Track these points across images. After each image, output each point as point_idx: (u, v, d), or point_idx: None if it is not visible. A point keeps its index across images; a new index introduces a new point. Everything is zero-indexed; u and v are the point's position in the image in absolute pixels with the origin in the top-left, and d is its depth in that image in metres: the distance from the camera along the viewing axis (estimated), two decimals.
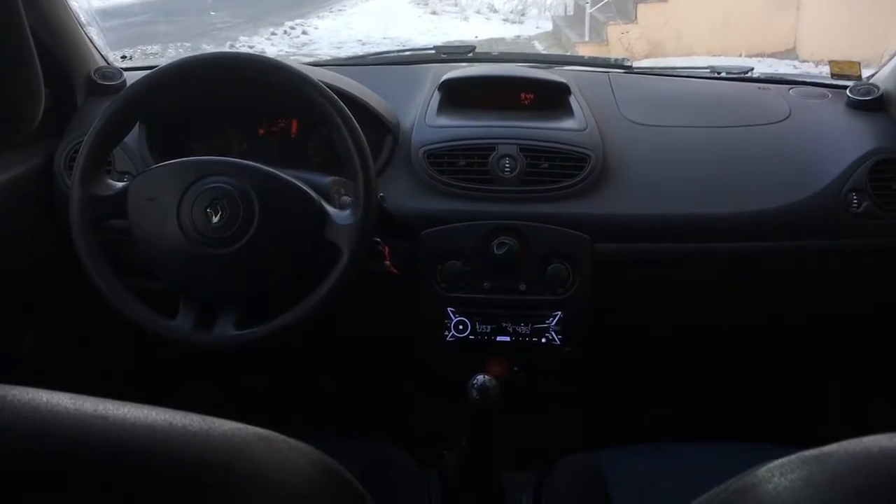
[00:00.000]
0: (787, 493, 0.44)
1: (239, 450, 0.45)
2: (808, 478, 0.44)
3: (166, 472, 0.41)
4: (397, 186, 1.36)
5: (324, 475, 0.50)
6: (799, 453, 0.47)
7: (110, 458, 0.41)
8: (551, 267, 1.33)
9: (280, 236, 1.12)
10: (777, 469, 0.47)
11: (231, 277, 1.13)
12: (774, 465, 0.47)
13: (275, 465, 0.46)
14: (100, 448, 0.41)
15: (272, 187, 1.12)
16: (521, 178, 1.35)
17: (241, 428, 0.47)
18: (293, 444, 0.49)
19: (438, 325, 1.34)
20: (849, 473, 0.43)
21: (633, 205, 1.36)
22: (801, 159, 1.41)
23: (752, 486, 0.47)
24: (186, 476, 0.42)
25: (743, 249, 1.36)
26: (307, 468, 0.48)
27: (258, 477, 0.44)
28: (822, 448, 0.46)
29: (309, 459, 0.49)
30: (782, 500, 0.44)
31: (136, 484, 0.40)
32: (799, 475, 0.45)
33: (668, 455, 1.17)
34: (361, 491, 0.54)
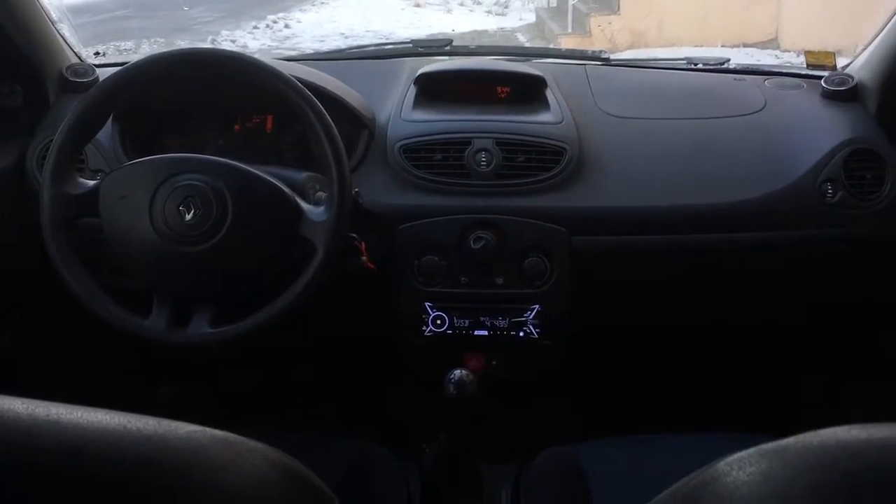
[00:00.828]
0: (745, 488, 0.45)
1: (195, 453, 0.44)
2: (766, 472, 0.44)
3: (119, 478, 0.41)
4: (373, 181, 1.35)
5: (284, 477, 0.49)
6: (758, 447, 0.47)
7: (62, 465, 0.40)
8: (529, 260, 1.33)
9: (254, 233, 1.12)
10: (736, 463, 0.47)
11: (205, 275, 1.12)
12: (733, 459, 0.47)
13: (232, 467, 0.45)
14: (50, 453, 0.40)
15: (246, 184, 1.12)
16: (498, 171, 1.35)
17: (197, 431, 0.46)
18: (252, 446, 0.48)
19: (416, 320, 1.34)
20: (806, 468, 0.43)
21: (609, 197, 1.36)
22: (776, 150, 1.42)
23: (711, 481, 0.47)
24: (139, 481, 0.41)
25: (719, 241, 1.37)
26: (266, 470, 0.48)
27: (214, 480, 0.43)
28: (781, 441, 0.46)
29: (268, 461, 0.48)
30: (741, 495, 0.44)
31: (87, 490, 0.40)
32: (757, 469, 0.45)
33: (647, 447, 1.17)
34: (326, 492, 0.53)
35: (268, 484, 0.47)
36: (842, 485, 0.41)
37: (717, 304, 1.47)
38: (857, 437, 0.43)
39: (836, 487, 0.41)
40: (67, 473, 0.40)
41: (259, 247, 1.12)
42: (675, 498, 0.51)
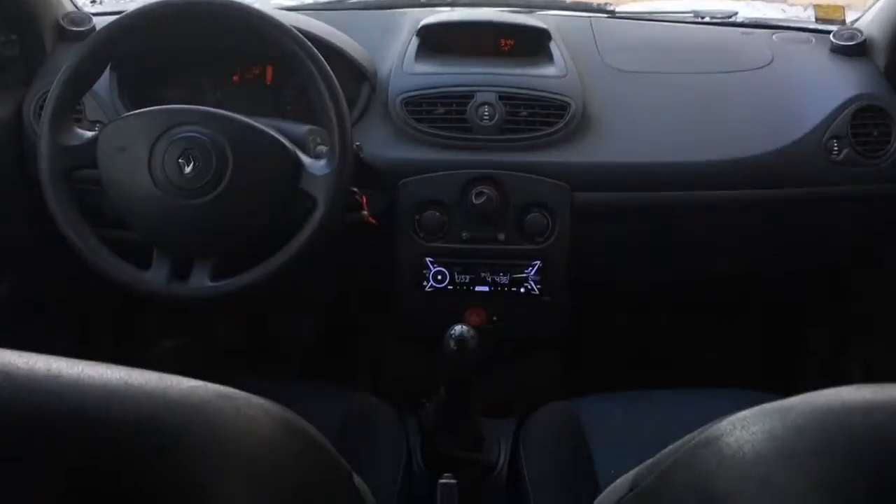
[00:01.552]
0: (748, 447, 0.45)
1: (196, 408, 0.44)
2: (770, 431, 0.45)
3: (120, 433, 0.40)
4: (375, 135, 1.34)
5: (286, 432, 0.49)
6: (762, 406, 0.47)
7: (62, 420, 0.39)
8: (530, 216, 1.32)
9: (254, 187, 1.11)
10: (739, 422, 0.47)
11: (205, 229, 1.11)
12: (736, 418, 0.48)
13: (234, 422, 0.45)
14: (52, 410, 0.40)
15: (246, 137, 1.11)
16: (500, 126, 1.33)
17: (199, 386, 0.46)
18: (254, 402, 0.48)
19: (417, 276, 1.34)
20: (809, 427, 0.43)
21: (612, 153, 1.35)
22: (782, 106, 1.41)
23: (713, 439, 0.48)
24: (141, 436, 0.41)
25: (722, 198, 1.36)
26: (268, 425, 0.48)
27: (216, 435, 0.43)
28: (784, 400, 0.46)
29: (270, 416, 0.48)
30: (743, 454, 0.45)
31: (88, 446, 0.39)
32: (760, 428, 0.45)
33: (645, 402, 1.18)
34: (327, 447, 0.54)
35: (271, 439, 0.47)
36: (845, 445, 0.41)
37: (719, 262, 1.47)
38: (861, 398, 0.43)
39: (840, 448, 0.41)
40: (69, 429, 0.39)
41: (259, 201, 1.12)
42: (677, 455, 0.51)
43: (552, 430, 1.15)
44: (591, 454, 1.09)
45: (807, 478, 0.41)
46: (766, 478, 0.42)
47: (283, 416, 0.50)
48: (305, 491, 0.49)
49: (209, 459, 0.42)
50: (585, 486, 1.04)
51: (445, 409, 1.21)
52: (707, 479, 0.46)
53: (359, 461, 1.04)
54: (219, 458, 0.43)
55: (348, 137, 1.11)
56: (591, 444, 1.11)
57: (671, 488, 0.51)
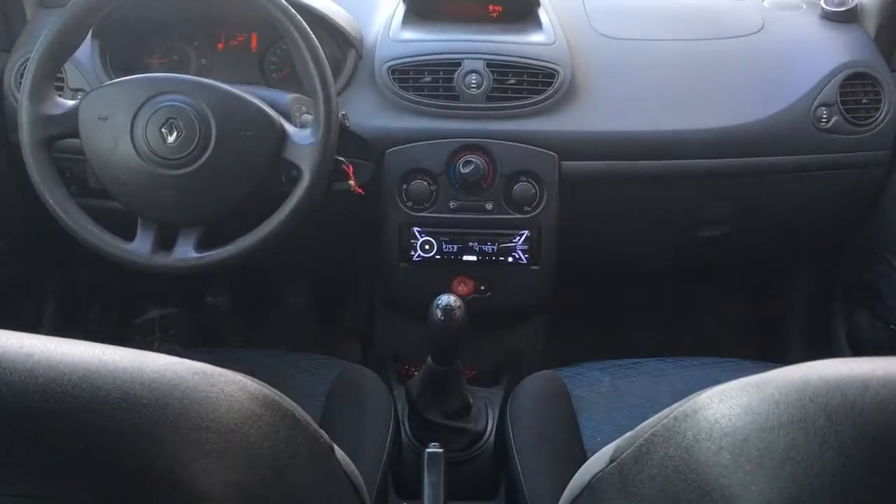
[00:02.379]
0: (724, 420, 0.45)
1: (172, 385, 0.44)
2: (747, 405, 0.45)
3: (94, 411, 0.40)
4: (361, 104, 1.33)
5: (263, 407, 0.49)
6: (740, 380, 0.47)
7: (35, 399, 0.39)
8: (518, 185, 1.32)
9: (238, 157, 1.10)
10: (717, 396, 0.47)
11: (189, 199, 1.11)
12: (715, 391, 0.48)
13: (210, 399, 0.45)
14: (24, 389, 0.39)
15: (230, 106, 1.10)
16: (488, 94, 1.33)
17: (175, 363, 0.46)
18: (230, 378, 0.48)
19: (404, 245, 1.34)
20: (786, 401, 0.43)
21: (601, 122, 1.35)
22: (772, 73, 1.40)
23: (692, 413, 0.48)
24: (114, 414, 0.40)
25: (711, 166, 1.36)
26: (246, 401, 0.47)
27: (192, 413, 0.43)
28: (763, 374, 0.47)
29: (247, 392, 0.48)
30: (720, 427, 0.45)
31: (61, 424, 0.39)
32: (738, 402, 0.46)
33: (633, 371, 1.19)
34: (306, 421, 0.54)
35: (247, 416, 0.47)
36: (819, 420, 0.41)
37: (705, 228, 1.48)
38: (838, 372, 0.43)
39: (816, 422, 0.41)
40: (41, 408, 0.39)
41: (243, 171, 1.11)
42: (656, 428, 0.52)
43: (539, 399, 1.16)
44: (578, 423, 1.10)
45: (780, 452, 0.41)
46: (740, 451, 0.43)
47: (261, 391, 0.50)
48: (283, 465, 0.49)
49: (185, 436, 0.42)
50: (573, 455, 1.05)
51: (433, 379, 1.22)
52: (685, 451, 0.47)
53: (346, 430, 1.06)
54: (194, 433, 0.43)
55: (334, 106, 1.11)
56: (579, 412, 1.11)
57: (649, 460, 0.51)
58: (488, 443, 1.29)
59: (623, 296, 1.84)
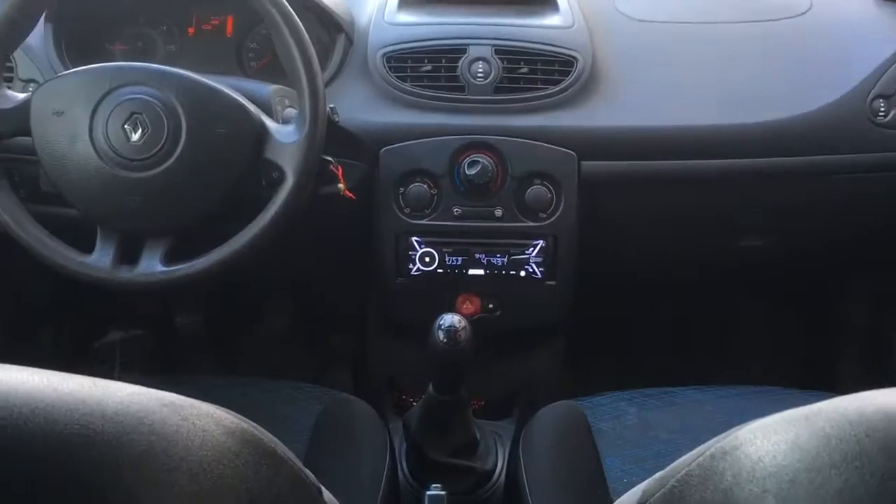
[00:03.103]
0: (768, 458, 0.45)
1: (137, 419, 0.43)
2: (794, 440, 0.44)
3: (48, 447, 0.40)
4: (352, 96, 1.34)
5: (240, 443, 0.49)
6: (786, 412, 0.47)
7: None
8: (532, 189, 1.32)
9: (212, 157, 1.10)
10: (760, 430, 0.47)
11: (156, 206, 1.11)
12: (757, 426, 0.47)
13: (180, 435, 0.45)
14: None
15: (202, 99, 1.10)
16: (497, 85, 1.33)
17: (140, 393, 0.46)
18: (203, 410, 0.48)
19: (401, 258, 1.34)
20: (839, 436, 0.43)
21: (626, 116, 1.35)
22: (820, 61, 1.40)
23: (731, 450, 0.48)
24: (71, 452, 0.40)
25: (752, 167, 1.36)
26: (220, 436, 0.47)
27: (159, 450, 0.43)
28: (812, 406, 0.46)
29: (222, 426, 0.48)
30: (764, 466, 0.45)
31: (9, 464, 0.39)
32: (783, 437, 0.45)
33: (663, 402, 1.19)
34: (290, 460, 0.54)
35: (222, 454, 0.47)
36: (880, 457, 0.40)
37: (745, 238, 1.47)
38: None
39: (874, 460, 0.40)
40: None
41: (218, 173, 1.11)
42: (691, 467, 0.51)
43: (556, 434, 1.16)
44: (601, 461, 1.09)
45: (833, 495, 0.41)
46: (787, 493, 0.42)
47: (238, 425, 0.50)
48: None
49: (151, 477, 0.42)
50: (594, 498, 1.04)
51: (434, 410, 1.21)
52: (724, 494, 0.46)
53: (335, 469, 1.06)
54: (162, 474, 0.42)
55: (321, 99, 1.11)
56: (602, 449, 1.11)
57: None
58: (498, 484, 1.28)
59: (652, 315, 1.84)
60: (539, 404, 1.21)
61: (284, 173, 1.11)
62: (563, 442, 1.15)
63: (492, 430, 1.36)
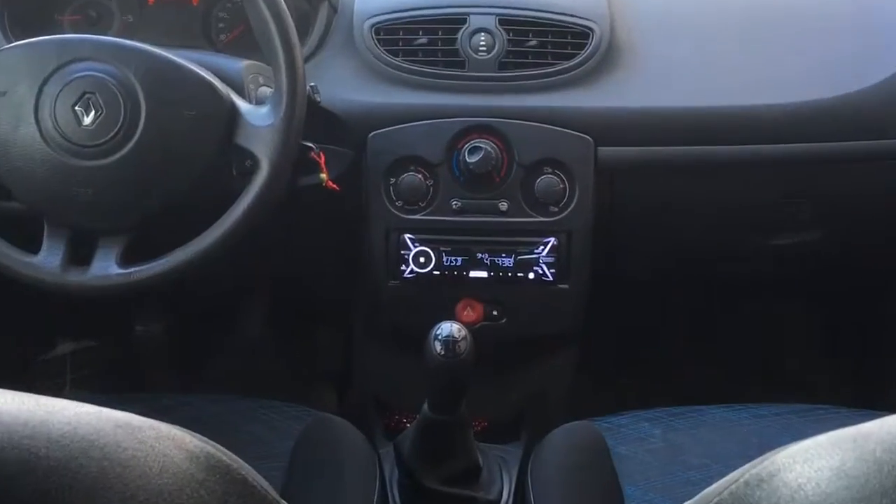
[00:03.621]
0: (811, 486, 0.45)
1: (87, 442, 0.43)
2: (840, 466, 0.44)
3: None
4: (336, 73, 1.34)
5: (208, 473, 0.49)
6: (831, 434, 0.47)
7: None
8: (541, 179, 1.32)
9: (175, 143, 1.10)
10: (801, 454, 0.47)
11: (111, 199, 1.11)
12: (797, 449, 0.48)
13: (137, 460, 0.45)
14: None
15: (164, 76, 1.10)
16: (501, 60, 1.33)
17: (91, 413, 0.46)
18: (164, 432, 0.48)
19: (393, 258, 1.34)
20: (891, 461, 0.43)
21: (650, 95, 1.35)
22: (868, 35, 1.41)
23: (768, 477, 0.48)
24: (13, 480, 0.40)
25: (792, 153, 1.36)
26: (184, 464, 0.47)
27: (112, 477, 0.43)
28: (861, 426, 0.46)
29: (187, 452, 0.48)
30: (805, 495, 0.45)
31: None
32: (828, 462, 0.45)
33: (691, 422, 1.19)
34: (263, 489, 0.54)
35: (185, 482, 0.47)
36: None
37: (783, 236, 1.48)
38: None
39: None
40: None
41: (182, 161, 1.11)
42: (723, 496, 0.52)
43: (570, 459, 1.16)
44: (621, 490, 1.09)
45: None
46: None
47: (203, 449, 0.50)
48: None
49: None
50: None
51: (430, 433, 1.21)
52: None
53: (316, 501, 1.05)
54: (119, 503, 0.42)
55: (300, 76, 1.11)
56: (622, 476, 1.11)
57: None
58: None
59: (677, 323, 1.84)
60: (550, 425, 1.21)
61: (258, 161, 1.10)
62: (578, 468, 1.15)
63: (496, 455, 1.35)
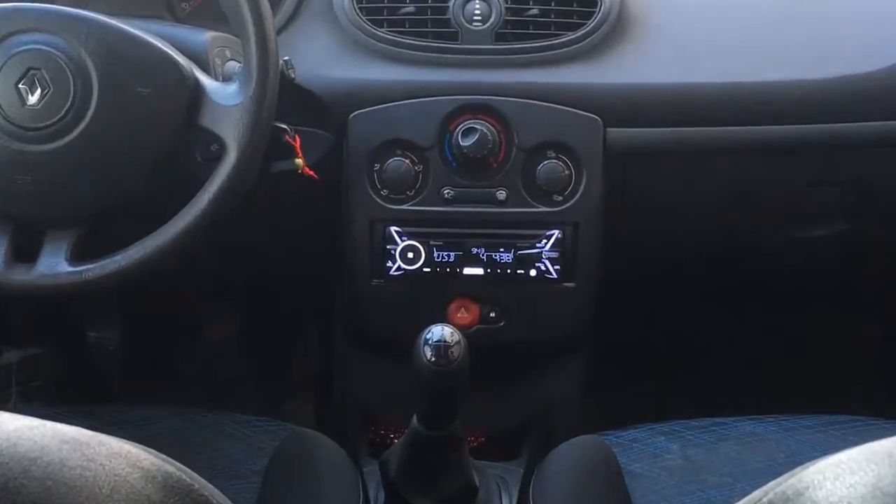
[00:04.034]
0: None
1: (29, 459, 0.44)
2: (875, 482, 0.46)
3: None
4: (312, 46, 1.34)
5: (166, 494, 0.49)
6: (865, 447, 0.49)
7: None
8: (544, 164, 1.32)
9: (132, 125, 1.10)
10: (831, 470, 0.48)
11: (59, 188, 1.10)
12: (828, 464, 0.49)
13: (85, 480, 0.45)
14: None
15: (119, 50, 1.10)
16: (499, 31, 1.34)
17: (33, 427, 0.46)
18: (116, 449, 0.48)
19: (377, 253, 1.34)
20: None
21: (665, 70, 1.35)
22: None
23: (795, 495, 0.49)
24: None
25: (824, 134, 1.36)
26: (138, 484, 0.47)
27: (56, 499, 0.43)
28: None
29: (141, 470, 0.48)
30: None
31: None
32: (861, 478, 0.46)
33: (712, 436, 1.19)
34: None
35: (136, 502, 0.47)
36: None
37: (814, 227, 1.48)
38: None
39: None
40: None
41: (139, 145, 1.11)
42: None
43: (577, 478, 1.16)
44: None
45: None
46: None
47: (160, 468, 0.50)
48: None
49: None
50: None
51: (420, 449, 1.20)
52: None
53: None
54: None
55: (272, 49, 1.10)
56: (636, 497, 1.11)
57: None
58: None
59: (695, 325, 1.84)
60: (555, 440, 1.22)
61: (225, 145, 1.10)
62: (586, 489, 1.15)
63: (495, 474, 1.36)
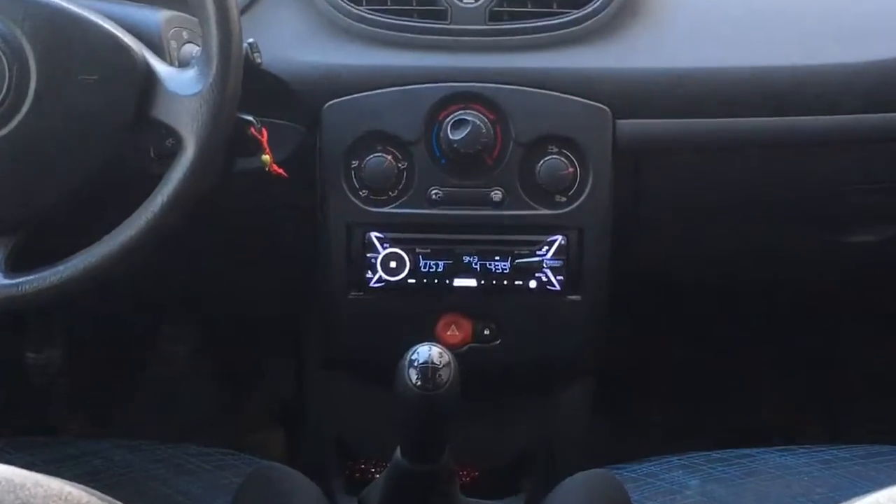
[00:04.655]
0: None
1: None
2: None
3: None
4: (281, 27, 1.35)
5: None
6: None
7: None
8: (545, 161, 1.33)
9: (76, 117, 1.10)
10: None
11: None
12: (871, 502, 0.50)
13: None
14: None
15: (60, 31, 1.10)
16: (493, 9, 1.34)
17: None
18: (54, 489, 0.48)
19: (356, 262, 1.34)
20: None
21: (680, 54, 1.36)
22: None
23: None
24: None
25: (864, 126, 1.37)
26: None
27: None
28: None
29: None
30: None
31: None
32: None
33: (737, 469, 1.20)
34: None
35: None
36: None
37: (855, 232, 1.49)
38: None
39: None
40: None
41: (84, 140, 1.11)
42: None
43: None
44: None
45: None
46: None
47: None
48: None
49: None
50: None
51: (405, 486, 1.21)
52: None
53: None
54: None
55: (235, 30, 1.10)
56: None
57: None
58: None
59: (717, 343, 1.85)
60: (559, 475, 1.21)
61: (182, 140, 1.10)
62: None
63: None
